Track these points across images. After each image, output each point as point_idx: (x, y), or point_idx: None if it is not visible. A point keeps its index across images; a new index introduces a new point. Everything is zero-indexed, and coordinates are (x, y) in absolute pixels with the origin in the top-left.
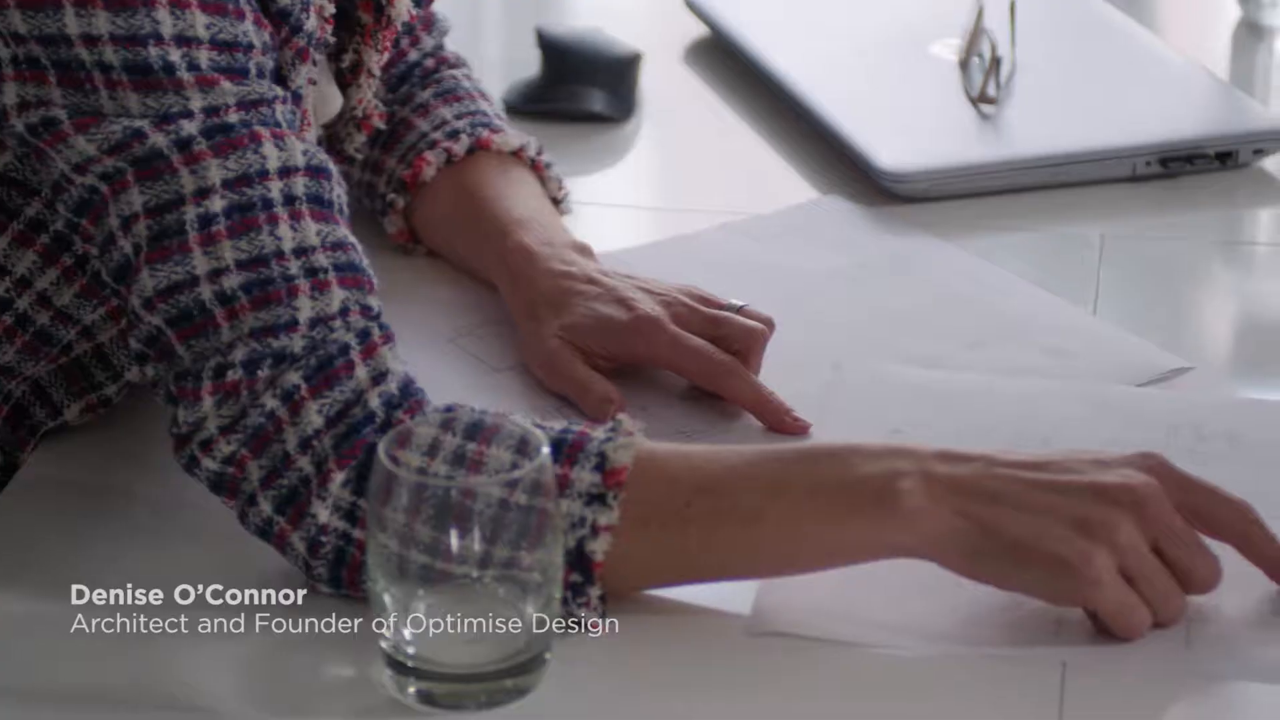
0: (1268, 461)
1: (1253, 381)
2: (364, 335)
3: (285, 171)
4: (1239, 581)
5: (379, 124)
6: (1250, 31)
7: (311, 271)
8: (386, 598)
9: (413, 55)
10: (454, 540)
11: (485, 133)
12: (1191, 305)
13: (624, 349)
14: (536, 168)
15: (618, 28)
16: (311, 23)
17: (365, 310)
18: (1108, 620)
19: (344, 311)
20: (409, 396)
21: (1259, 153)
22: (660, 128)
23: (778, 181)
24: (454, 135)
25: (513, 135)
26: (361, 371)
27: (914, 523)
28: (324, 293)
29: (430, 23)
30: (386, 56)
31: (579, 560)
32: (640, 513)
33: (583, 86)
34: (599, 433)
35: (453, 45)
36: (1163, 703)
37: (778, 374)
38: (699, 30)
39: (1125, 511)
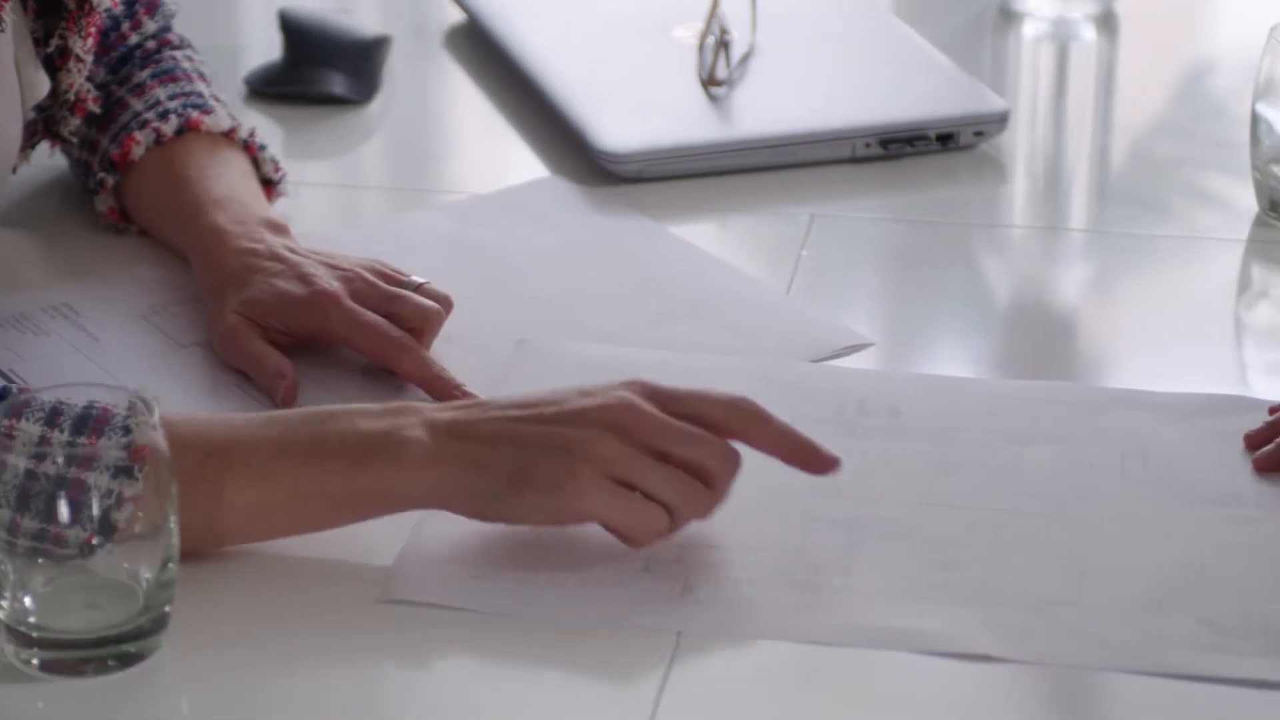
0: (924, 434)
1: (928, 357)
2: None
3: None
4: (870, 558)
5: (93, 107)
6: (1001, 15)
7: None
8: (5, 569)
9: (134, 38)
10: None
11: (196, 114)
12: (888, 284)
13: (301, 324)
14: (249, 149)
15: (382, 12)
16: None
17: None
18: (618, 528)
19: None
20: None
21: (980, 135)
22: (403, 110)
23: (513, 163)
24: (164, 115)
25: (224, 116)
26: None
27: (418, 471)
28: None
29: (154, 7)
30: (93, 42)
31: (104, 527)
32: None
33: (323, 69)
34: (121, 410)
35: (203, 29)
36: (774, 668)
37: (464, 350)
38: (459, 15)
39: (604, 428)
